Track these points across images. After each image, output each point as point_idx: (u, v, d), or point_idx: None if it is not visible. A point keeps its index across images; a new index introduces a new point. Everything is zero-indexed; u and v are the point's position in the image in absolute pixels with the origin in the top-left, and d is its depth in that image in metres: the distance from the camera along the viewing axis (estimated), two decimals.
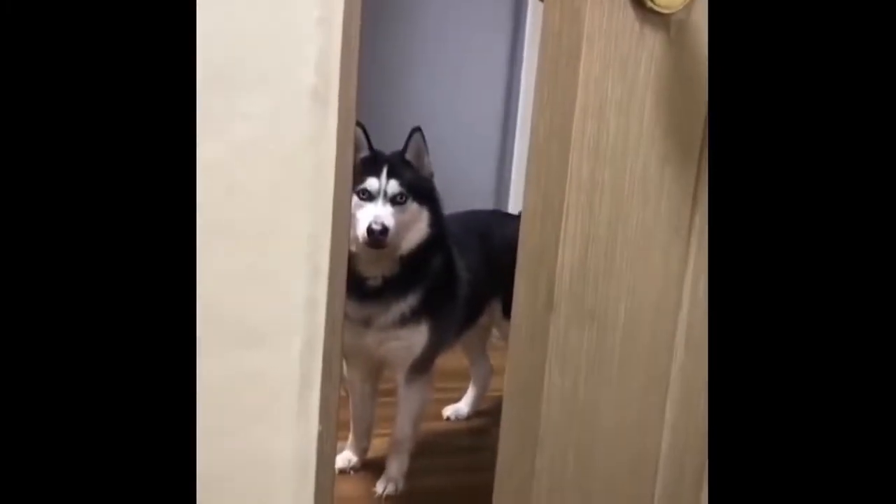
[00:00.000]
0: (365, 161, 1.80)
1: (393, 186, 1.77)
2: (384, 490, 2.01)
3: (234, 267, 1.21)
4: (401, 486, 2.02)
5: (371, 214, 1.73)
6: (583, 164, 0.92)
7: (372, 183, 1.77)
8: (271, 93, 1.18)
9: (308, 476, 1.33)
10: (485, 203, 3.23)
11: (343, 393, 2.49)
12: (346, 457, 2.14)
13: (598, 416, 1.00)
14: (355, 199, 1.76)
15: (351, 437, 2.15)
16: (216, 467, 1.14)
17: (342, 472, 2.11)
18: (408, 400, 1.99)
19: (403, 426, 2.01)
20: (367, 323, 1.85)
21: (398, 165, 1.81)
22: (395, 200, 1.77)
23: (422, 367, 1.96)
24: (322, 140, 1.22)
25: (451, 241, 1.96)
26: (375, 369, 2.08)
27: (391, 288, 1.83)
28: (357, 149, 1.67)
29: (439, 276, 1.89)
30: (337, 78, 1.22)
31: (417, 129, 1.83)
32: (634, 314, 0.98)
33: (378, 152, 1.82)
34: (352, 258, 1.67)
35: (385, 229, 1.71)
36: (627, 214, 0.95)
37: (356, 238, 1.72)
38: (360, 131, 1.75)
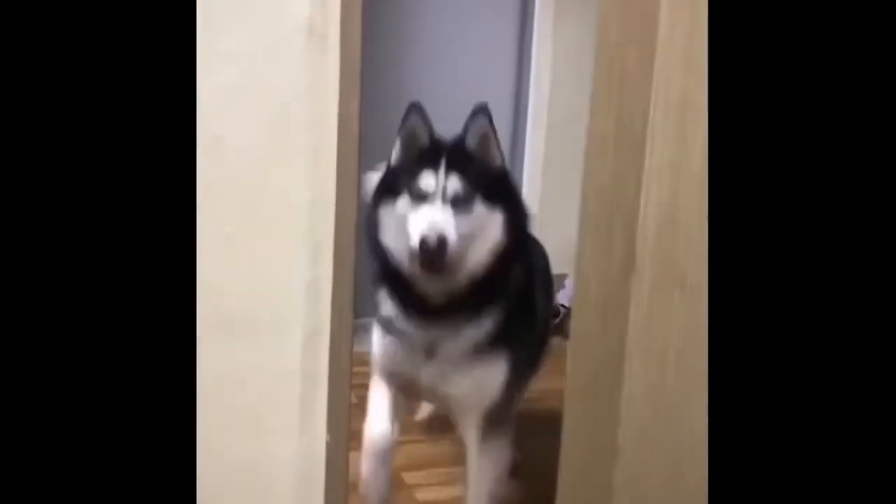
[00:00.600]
0: (422, 151, 1.43)
1: (454, 184, 1.37)
2: None
3: (218, 243, 1.02)
4: None
5: (425, 220, 1.33)
6: (671, 77, 0.68)
7: (427, 179, 1.37)
8: (259, 28, 1.00)
9: (315, 491, 1.15)
10: None
11: (355, 399, 2.28)
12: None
13: (690, 415, 0.76)
14: (406, 198, 1.39)
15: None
16: (206, 481, 0.94)
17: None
18: (484, 462, 1.47)
19: (478, 500, 1.49)
20: (429, 351, 1.44)
21: (460, 156, 1.40)
22: (457, 202, 1.36)
23: (500, 415, 1.48)
24: (321, 86, 1.04)
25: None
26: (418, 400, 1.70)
27: (461, 308, 1.41)
28: (414, 135, 1.42)
29: (519, 293, 1.48)
30: (337, 11, 1.03)
31: (483, 109, 1.41)
32: None
33: (438, 139, 1.45)
34: (409, 275, 1.42)
35: (444, 241, 1.30)
36: None
37: (407, 252, 1.37)
38: (416, 116, 1.43)
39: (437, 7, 3.03)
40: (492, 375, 1.43)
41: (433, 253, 1.31)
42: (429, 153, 1.42)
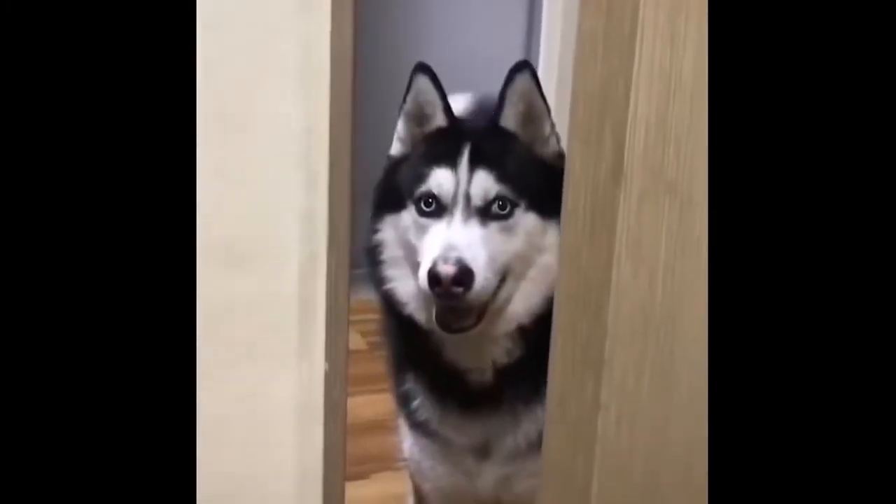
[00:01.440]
0: (433, 137, 1.04)
1: (483, 185, 0.96)
2: None
3: (207, 171, 1.01)
4: None
5: (438, 243, 0.94)
6: None
7: (440, 180, 0.97)
8: None
9: (314, 424, 1.15)
10: None
11: (364, 345, 2.27)
12: None
13: (677, 326, 0.75)
14: (412, 211, 1.02)
15: None
16: (203, 411, 0.94)
17: None
18: None
19: None
20: (483, 452, 1.08)
21: (493, 142, 1.00)
22: (487, 213, 0.96)
23: None
24: (312, 9, 1.01)
25: None
26: None
27: (516, 384, 1.03)
28: (422, 111, 1.05)
29: None
30: None
31: (524, 66, 0.99)
32: None
33: (459, 121, 1.05)
34: (430, 334, 1.04)
35: (467, 274, 0.89)
36: None
37: (418, 296, 1.01)
38: (424, 81, 1.03)
39: None
40: None
41: (451, 294, 0.90)
42: (444, 139, 1.01)
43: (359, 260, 1.22)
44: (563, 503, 0.77)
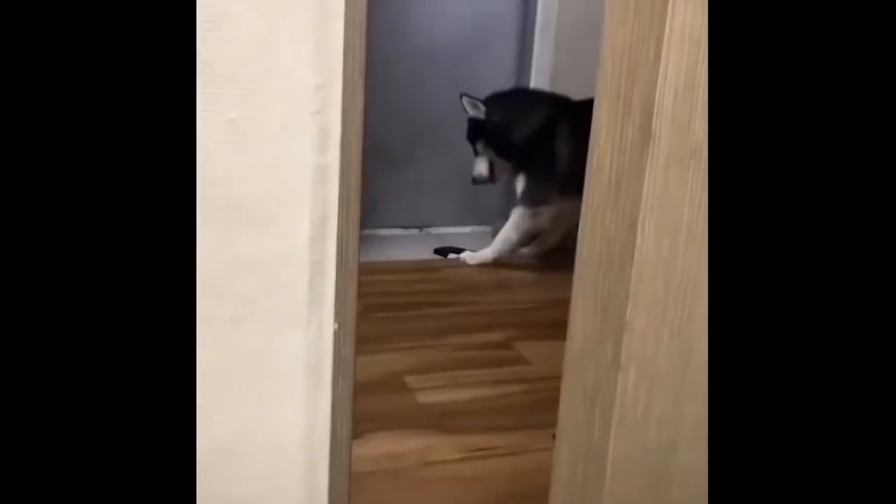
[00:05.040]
0: None
1: None
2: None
3: (219, 130, 0.99)
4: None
5: None
6: None
7: None
8: None
9: (323, 381, 1.15)
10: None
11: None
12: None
13: (697, 292, 0.76)
14: None
15: None
16: (212, 368, 0.94)
17: None
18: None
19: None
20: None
21: None
22: None
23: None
24: None
25: None
26: None
27: None
28: None
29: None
30: None
31: None
32: None
33: None
34: None
35: None
36: None
37: None
38: None
39: None
40: None
41: None
42: None
43: (364, 220, 1.22)
44: (578, 464, 0.78)
